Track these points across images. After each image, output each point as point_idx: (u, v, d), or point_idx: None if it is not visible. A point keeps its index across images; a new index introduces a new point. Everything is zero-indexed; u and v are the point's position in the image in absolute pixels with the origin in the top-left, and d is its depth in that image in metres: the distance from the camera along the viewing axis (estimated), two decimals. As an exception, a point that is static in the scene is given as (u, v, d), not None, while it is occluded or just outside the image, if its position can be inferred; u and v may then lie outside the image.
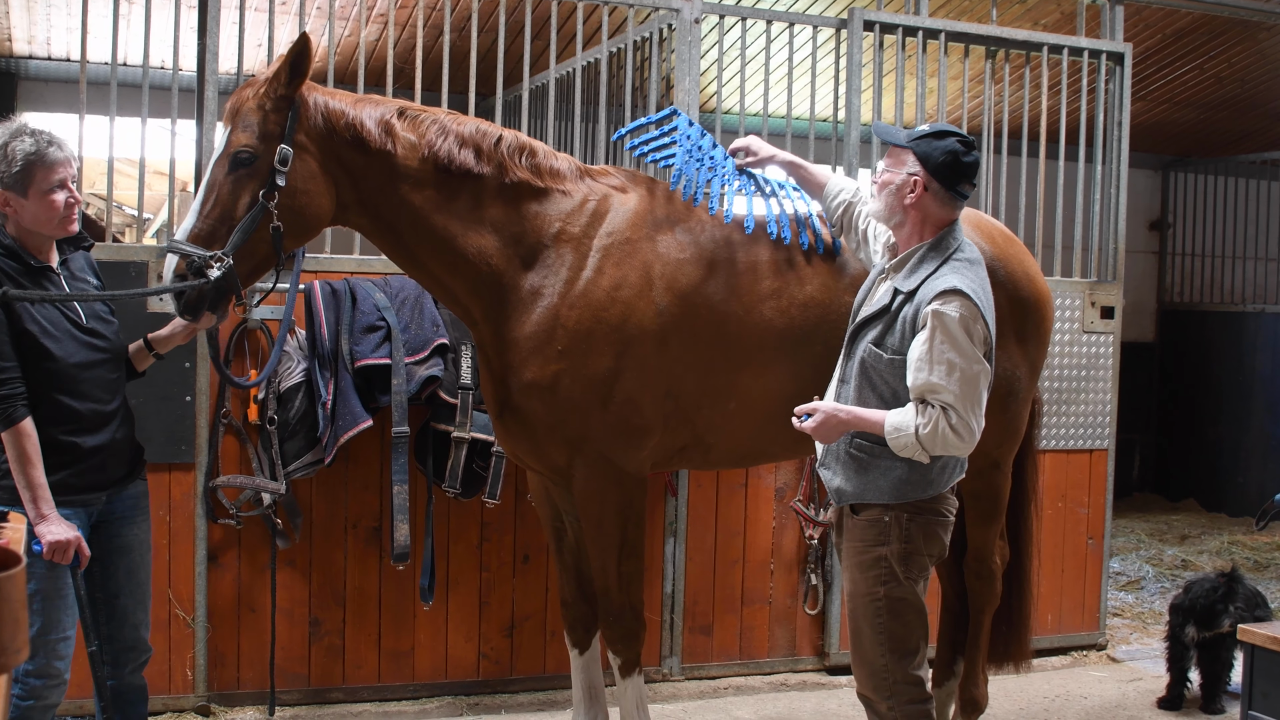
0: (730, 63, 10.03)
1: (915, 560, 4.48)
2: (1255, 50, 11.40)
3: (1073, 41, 7.91)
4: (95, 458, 4.64)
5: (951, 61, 9.13)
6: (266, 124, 4.70)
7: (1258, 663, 5.47)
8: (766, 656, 7.30)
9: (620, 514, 5.18)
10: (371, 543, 6.53)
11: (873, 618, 4.51)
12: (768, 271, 5.31)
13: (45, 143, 4.53)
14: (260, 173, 4.68)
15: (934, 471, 4.44)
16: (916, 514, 4.45)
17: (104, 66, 8.65)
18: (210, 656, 6.32)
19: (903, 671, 4.50)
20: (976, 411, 4.30)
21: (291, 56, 4.70)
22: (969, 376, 4.26)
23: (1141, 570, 10.20)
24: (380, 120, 4.88)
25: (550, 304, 5.03)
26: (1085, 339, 7.85)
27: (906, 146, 4.51)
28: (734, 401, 5.30)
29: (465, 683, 6.73)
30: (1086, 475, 7.96)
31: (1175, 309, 14.21)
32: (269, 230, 4.68)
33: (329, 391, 6.11)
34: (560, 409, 5.04)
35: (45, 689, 4.50)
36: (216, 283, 4.55)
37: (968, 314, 4.28)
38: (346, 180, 4.87)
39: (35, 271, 4.57)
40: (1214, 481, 13.38)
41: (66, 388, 4.54)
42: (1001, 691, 6.93)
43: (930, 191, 4.45)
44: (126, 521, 4.84)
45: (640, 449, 5.19)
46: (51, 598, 4.49)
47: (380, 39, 9.66)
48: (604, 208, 5.20)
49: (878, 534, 4.47)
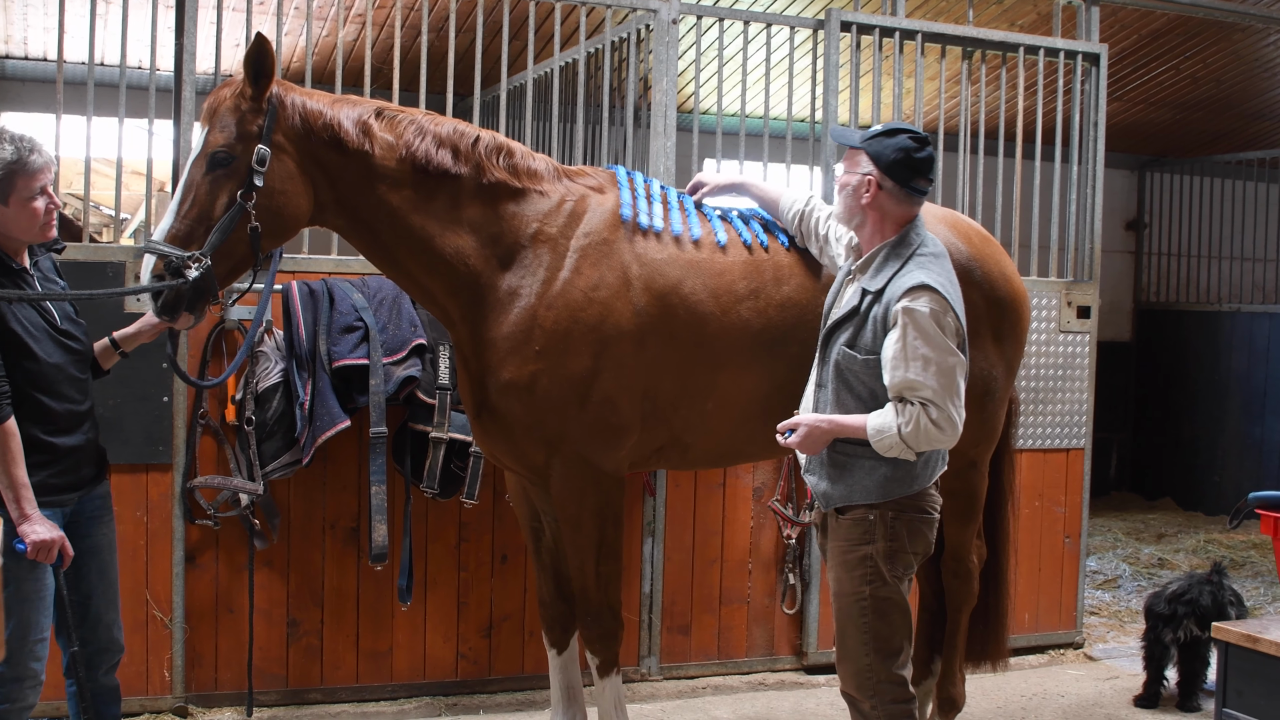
0: (708, 63, 10.05)
1: (900, 558, 4.49)
2: (1230, 51, 11.47)
3: (1049, 42, 7.94)
4: (71, 458, 4.64)
5: (929, 62, 9.16)
6: (244, 124, 4.69)
7: (1232, 660, 5.51)
8: (745, 656, 7.31)
9: (598, 514, 5.18)
10: (349, 543, 6.53)
11: (857, 617, 4.52)
12: (745, 272, 5.32)
13: (27, 150, 4.50)
14: (238, 173, 4.67)
15: (917, 467, 4.46)
16: (901, 512, 4.46)
17: (81, 66, 8.64)
18: (188, 657, 6.31)
19: (886, 671, 4.51)
20: (956, 403, 4.32)
21: (249, 61, 4.69)
22: (945, 369, 4.28)
23: (1118, 569, 10.25)
24: (358, 120, 4.88)
25: (528, 304, 5.03)
26: (1062, 339, 7.88)
27: (859, 147, 4.54)
28: (712, 401, 5.30)
29: (443, 683, 6.73)
30: (1063, 474, 7.99)
31: (1152, 308, 14.27)
32: (247, 230, 4.67)
33: (307, 392, 6.10)
34: (538, 409, 5.04)
35: (22, 690, 4.49)
36: (194, 283, 4.54)
37: (937, 307, 4.30)
38: (324, 180, 4.87)
39: (13, 273, 4.57)
40: (1190, 480, 13.44)
41: (46, 388, 4.53)
42: (979, 690, 6.96)
43: (885, 190, 4.47)
44: (96, 521, 4.83)
45: (618, 449, 5.19)
46: (31, 598, 4.48)
47: (358, 39, 9.65)
48: (582, 208, 5.20)
49: (862, 533, 4.49)
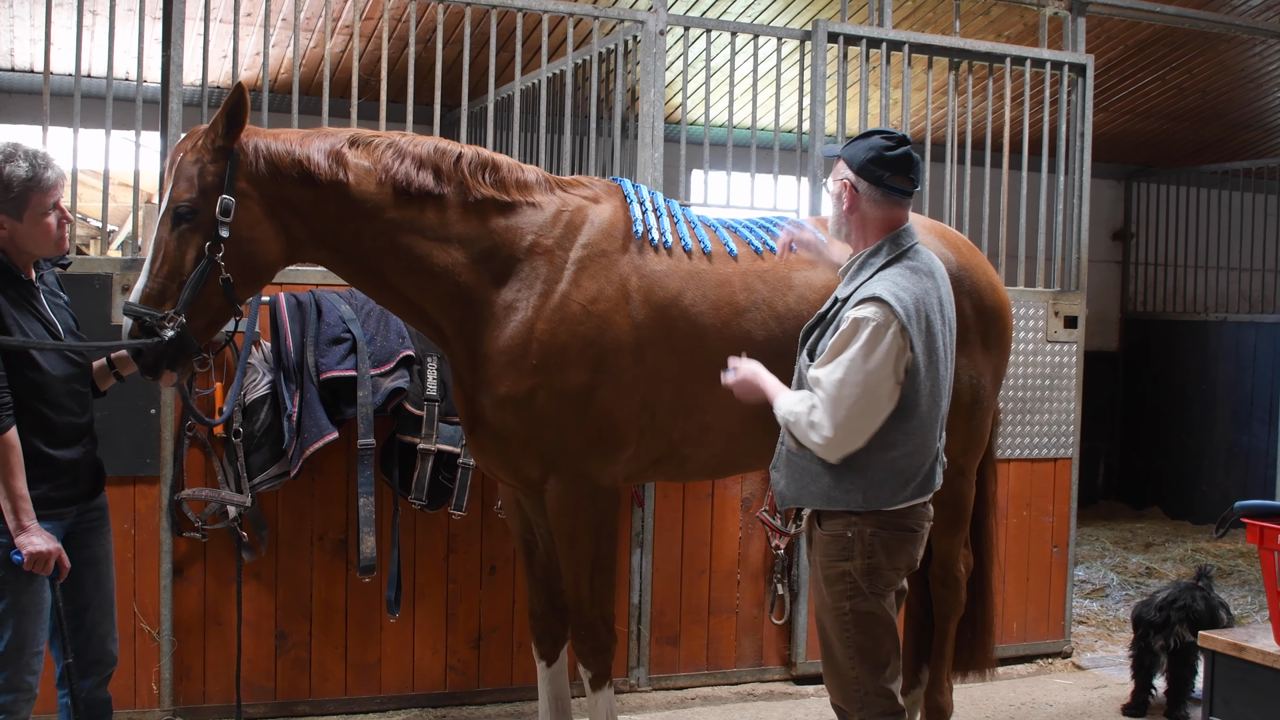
0: (695, 74, 10.07)
1: (880, 575, 4.43)
2: (1216, 61, 11.52)
3: (1035, 53, 7.97)
4: (71, 471, 4.65)
5: (915, 73, 9.18)
6: (204, 176, 4.65)
7: (1219, 669, 5.52)
8: (733, 666, 7.31)
9: (593, 528, 5.15)
10: (338, 555, 6.52)
11: (841, 632, 4.50)
12: (746, 283, 5.30)
13: (41, 166, 4.51)
14: (203, 226, 4.64)
15: (871, 485, 4.35)
16: (880, 528, 4.40)
17: (68, 78, 8.62)
18: (176, 670, 6.29)
19: (874, 684, 4.49)
20: (838, 417, 4.21)
21: (228, 108, 4.65)
22: (848, 384, 4.19)
23: (1106, 578, 10.27)
24: (329, 151, 4.84)
25: (525, 318, 5.00)
26: (1049, 348, 7.90)
27: (837, 156, 4.51)
28: (711, 414, 5.28)
29: (432, 694, 6.72)
30: (1051, 484, 8.00)
31: (1138, 318, 14.30)
32: (219, 282, 4.65)
33: (294, 404, 6.09)
34: (534, 424, 5.01)
35: (16, 704, 4.48)
36: (171, 341, 4.54)
37: (880, 322, 4.20)
38: (296, 219, 4.82)
39: (21, 285, 4.58)
40: (1178, 489, 13.46)
41: (48, 400, 4.54)
42: (967, 699, 6.97)
43: (861, 192, 4.42)
44: (94, 533, 4.83)
45: (614, 462, 5.18)
46: (29, 612, 4.48)
47: (346, 51, 9.65)
48: (579, 219, 5.17)
49: (840, 549, 4.44)
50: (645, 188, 5.49)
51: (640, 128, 7.10)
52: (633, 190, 5.40)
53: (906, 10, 9.61)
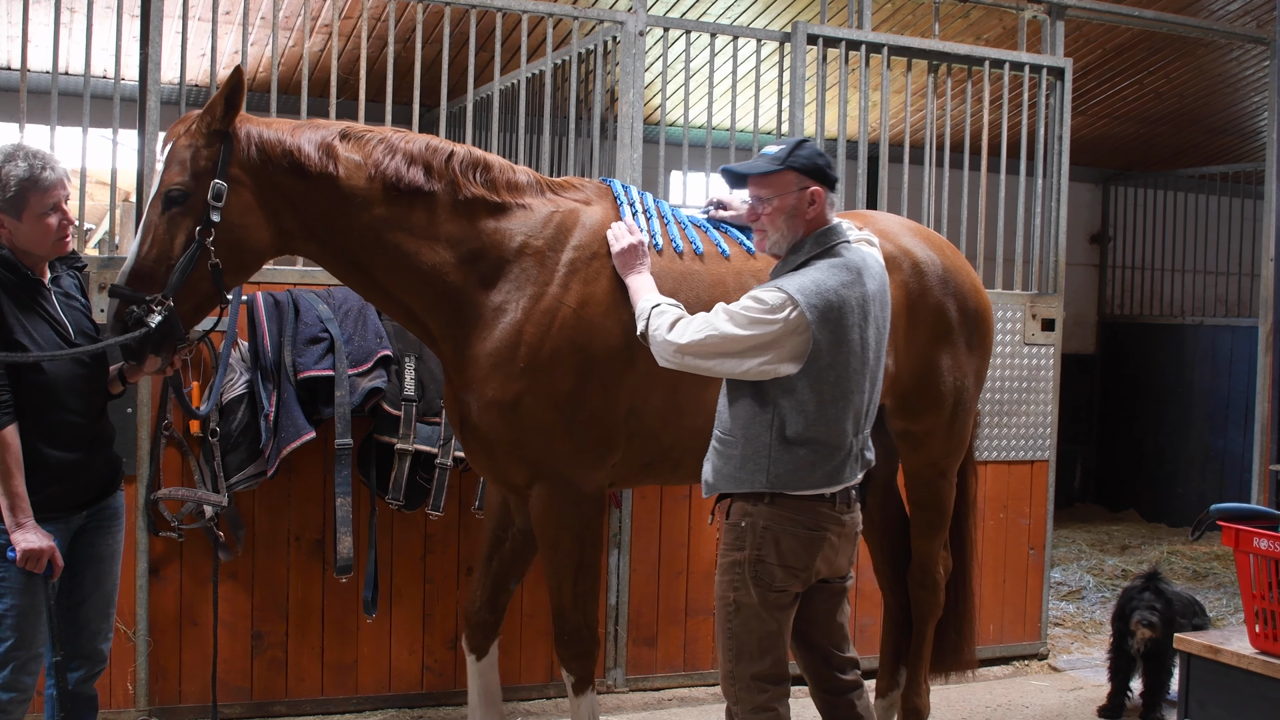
0: (675, 75, 10.07)
1: (764, 568, 4.33)
2: (1194, 66, 11.58)
3: (1014, 56, 7.99)
4: (80, 475, 4.64)
5: (894, 75, 9.20)
6: (198, 160, 4.63)
7: (1194, 671, 5.53)
8: (711, 667, 7.29)
9: (578, 535, 5.10)
10: (314, 555, 6.50)
11: (724, 621, 4.43)
12: (740, 283, 5.25)
13: (40, 166, 4.49)
14: (195, 210, 4.61)
15: (773, 465, 4.32)
16: (774, 522, 4.32)
17: (45, 75, 8.59)
18: (151, 670, 6.26)
19: (746, 677, 4.39)
20: (697, 344, 4.30)
21: (226, 91, 4.62)
22: (731, 321, 4.25)
23: (1083, 580, 10.29)
24: (320, 143, 4.80)
25: (514, 320, 4.94)
26: (1026, 351, 7.92)
27: (785, 169, 4.39)
28: (704, 418, 5.22)
29: (409, 695, 6.70)
30: (1028, 486, 8.02)
31: (1116, 321, 14.37)
32: (208, 268, 4.61)
33: (272, 403, 6.07)
34: (521, 428, 4.96)
35: (13, 704, 4.48)
36: (159, 327, 4.51)
37: (774, 303, 4.20)
38: (287, 208, 4.79)
39: (30, 284, 4.55)
40: (1154, 492, 13.52)
41: (54, 402, 4.51)
42: (944, 701, 6.98)
43: (826, 198, 4.40)
44: (101, 532, 4.82)
45: (600, 468, 5.13)
46: (28, 613, 4.47)
47: (325, 50, 9.63)
48: (570, 221, 5.11)
49: (734, 538, 4.39)
50: (635, 189, 5.46)
51: (619, 128, 7.10)
52: (623, 192, 5.36)
53: (886, 13, 9.64)
